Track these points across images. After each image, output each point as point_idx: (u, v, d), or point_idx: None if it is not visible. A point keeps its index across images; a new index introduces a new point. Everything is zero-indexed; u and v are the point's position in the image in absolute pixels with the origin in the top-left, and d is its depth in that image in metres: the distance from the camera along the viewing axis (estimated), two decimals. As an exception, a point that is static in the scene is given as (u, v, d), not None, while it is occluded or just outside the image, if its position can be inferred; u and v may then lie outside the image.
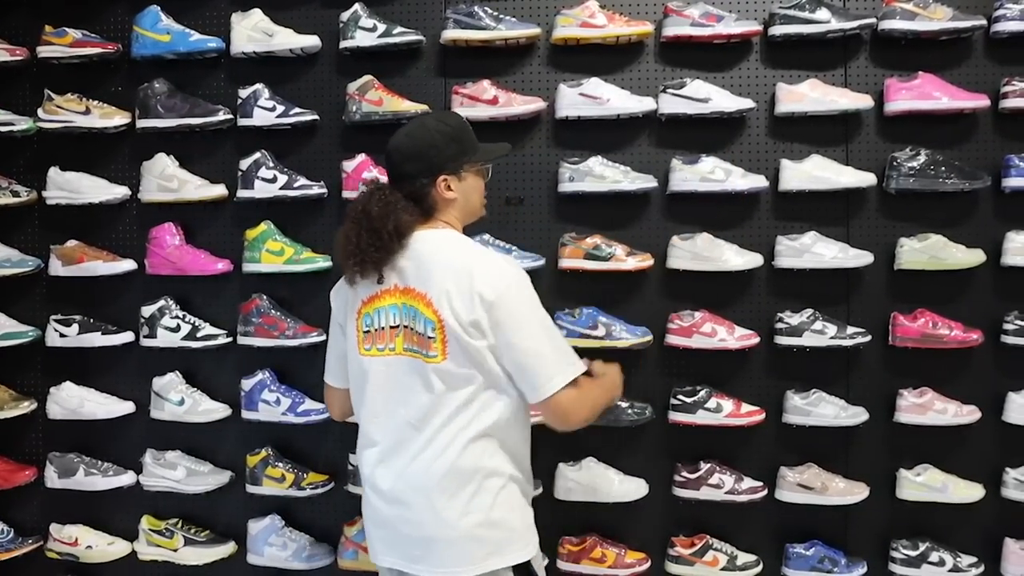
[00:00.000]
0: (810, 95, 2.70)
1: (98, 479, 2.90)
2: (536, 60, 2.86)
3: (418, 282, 1.89)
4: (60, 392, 2.91)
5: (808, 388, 2.73)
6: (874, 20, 2.70)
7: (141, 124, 2.86)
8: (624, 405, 2.73)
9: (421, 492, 1.88)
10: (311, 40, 2.82)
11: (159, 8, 2.84)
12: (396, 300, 1.91)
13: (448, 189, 1.95)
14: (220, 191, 2.86)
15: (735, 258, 2.72)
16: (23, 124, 2.88)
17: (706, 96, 2.71)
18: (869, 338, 2.70)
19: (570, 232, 2.77)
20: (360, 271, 1.91)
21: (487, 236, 2.76)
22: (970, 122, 2.76)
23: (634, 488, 2.76)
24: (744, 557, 2.74)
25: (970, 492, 2.70)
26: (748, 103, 2.71)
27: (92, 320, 2.92)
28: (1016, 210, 2.73)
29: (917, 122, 2.73)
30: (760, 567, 2.74)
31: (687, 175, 2.72)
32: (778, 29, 2.71)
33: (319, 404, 2.80)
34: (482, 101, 2.74)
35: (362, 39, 2.77)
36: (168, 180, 2.85)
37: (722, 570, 2.71)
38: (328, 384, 2.19)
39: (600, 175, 2.74)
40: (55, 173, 2.90)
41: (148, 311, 2.86)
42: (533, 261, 2.74)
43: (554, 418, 1.90)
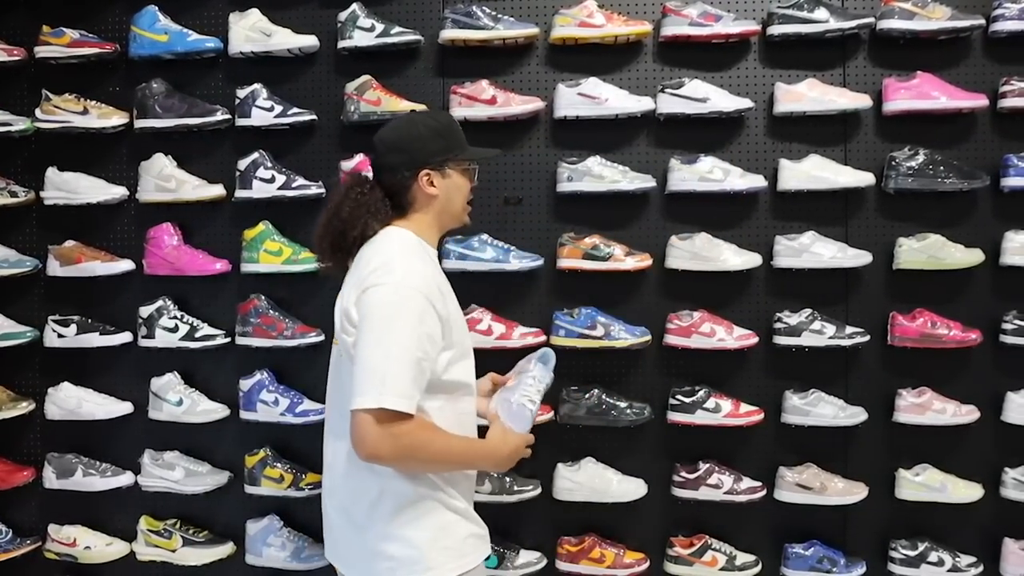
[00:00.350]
0: (809, 95, 2.70)
1: (96, 480, 2.90)
2: (534, 60, 2.85)
3: (349, 275, 1.87)
4: (58, 392, 2.91)
5: (807, 388, 2.73)
6: (872, 20, 2.70)
7: (139, 124, 2.86)
8: (623, 405, 2.73)
9: (334, 493, 1.87)
10: (309, 40, 2.82)
11: (157, 8, 2.84)
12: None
13: (430, 184, 1.86)
14: (218, 191, 2.86)
15: (734, 258, 2.72)
16: (21, 124, 2.88)
17: (704, 96, 2.71)
18: (868, 338, 2.70)
19: (569, 232, 2.77)
20: (326, 267, 1.94)
21: (485, 236, 2.76)
22: (969, 122, 2.76)
23: (633, 488, 2.76)
24: (743, 557, 2.74)
25: (969, 492, 2.70)
26: (746, 103, 2.71)
27: (90, 320, 2.92)
28: (1015, 210, 2.73)
29: (916, 122, 2.73)
30: (759, 567, 2.74)
31: (686, 175, 2.72)
32: (776, 29, 2.71)
33: (317, 404, 2.80)
34: (480, 101, 2.74)
35: (360, 39, 2.77)
36: (166, 180, 2.85)
37: (721, 570, 2.71)
38: None
39: (599, 175, 2.73)
40: (53, 173, 2.90)
41: (146, 311, 2.86)
42: (532, 261, 2.74)
43: (352, 437, 1.66)
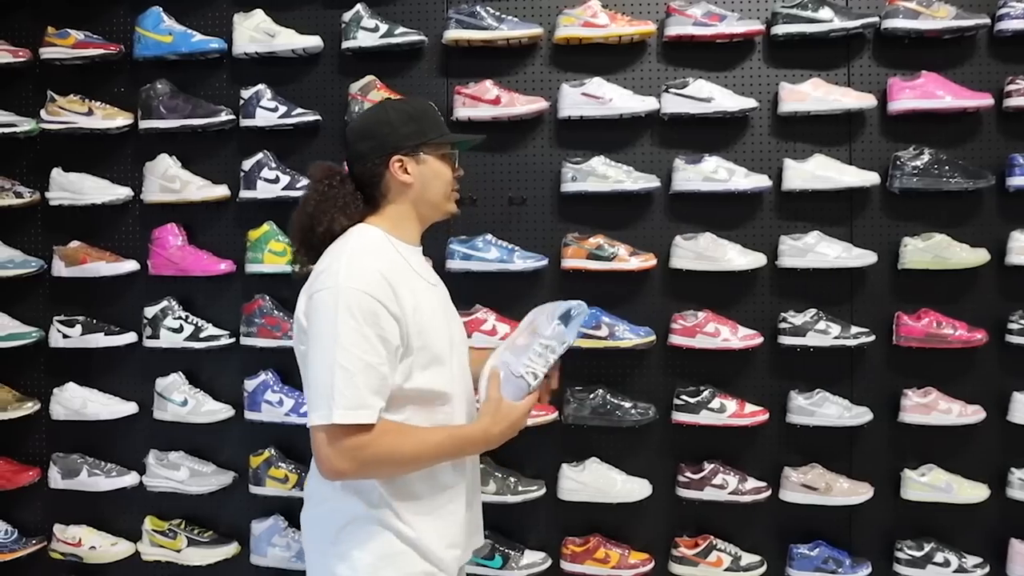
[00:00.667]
0: (813, 94, 2.70)
1: (101, 480, 2.90)
2: (538, 60, 2.85)
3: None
4: (63, 393, 2.92)
5: (812, 388, 2.73)
6: (877, 19, 2.69)
7: (143, 125, 2.86)
8: (627, 405, 2.72)
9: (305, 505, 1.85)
10: (313, 40, 2.82)
11: (161, 9, 2.85)
12: None
13: (403, 171, 1.74)
14: (222, 192, 2.87)
15: (738, 258, 2.72)
16: (26, 125, 2.89)
17: (709, 96, 2.70)
18: (873, 338, 2.69)
19: (573, 232, 2.77)
20: (299, 270, 1.81)
21: (490, 236, 2.75)
22: (974, 121, 2.75)
23: (638, 488, 2.75)
24: (748, 558, 2.73)
25: (975, 492, 2.69)
26: (751, 102, 2.71)
27: (95, 321, 2.92)
28: (1020, 209, 2.73)
29: (920, 121, 2.72)
30: (764, 568, 2.73)
31: (690, 175, 2.71)
32: (781, 28, 2.71)
33: (322, 405, 2.80)
34: (484, 101, 2.74)
35: (364, 39, 2.77)
36: (170, 181, 2.85)
37: (726, 571, 2.70)
38: None
39: (603, 175, 2.73)
40: (58, 174, 2.91)
41: (151, 312, 2.86)
42: (536, 261, 2.74)
43: (313, 455, 1.62)
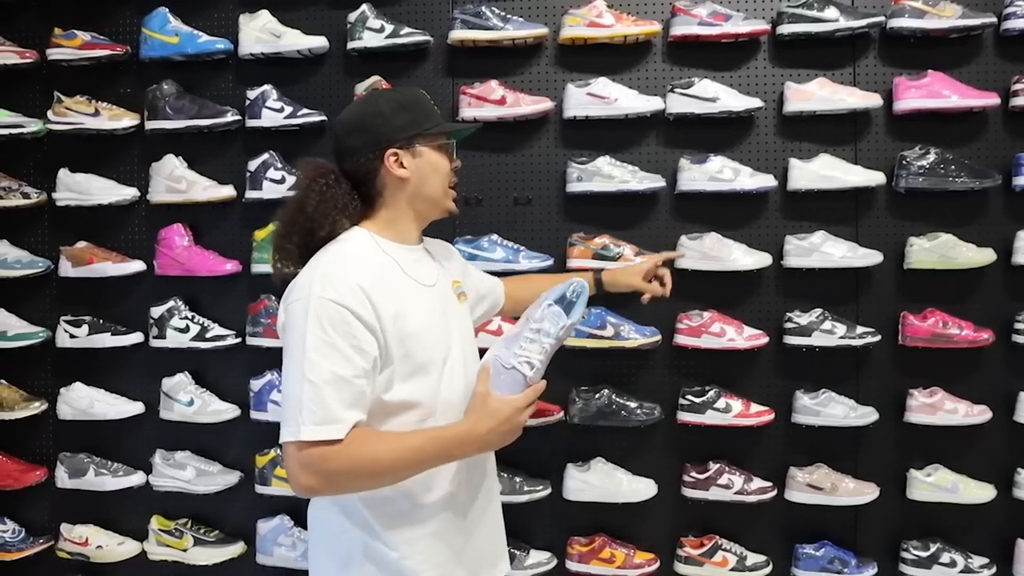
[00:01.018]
0: (819, 94, 2.69)
1: (108, 479, 2.91)
2: (544, 60, 2.86)
3: None
4: (70, 392, 2.93)
5: (817, 388, 2.72)
6: (883, 18, 2.69)
7: (150, 125, 2.87)
8: (633, 405, 2.72)
9: None
10: (319, 41, 2.83)
11: (167, 10, 2.85)
12: None
13: (399, 165, 1.66)
14: (229, 192, 2.87)
15: (744, 258, 2.72)
16: (33, 126, 2.90)
17: (714, 95, 2.70)
18: (879, 338, 2.69)
19: (578, 232, 2.77)
20: (282, 271, 1.69)
21: (495, 236, 2.76)
22: (980, 120, 2.74)
23: (643, 488, 2.75)
24: (753, 558, 2.73)
25: (981, 492, 2.68)
26: (756, 102, 2.71)
27: (102, 321, 2.93)
28: (1027, 209, 2.72)
29: (926, 121, 2.72)
30: (769, 568, 2.73)
31: (695, 175, 2.71)
32: (786, 28, 2.70)
33: (328, 404, 2.80)
34: (490, 101, 2.74)
35: (370, 40, 2.78)
36: (177, 181, 2.86)
37: (731, 571, 2.70)
38: None
39: (608, 175, 2.73)
40: (64, 175, 2.92)
41: (157, 312, 2.87)
42: (541, 261, 2.74)
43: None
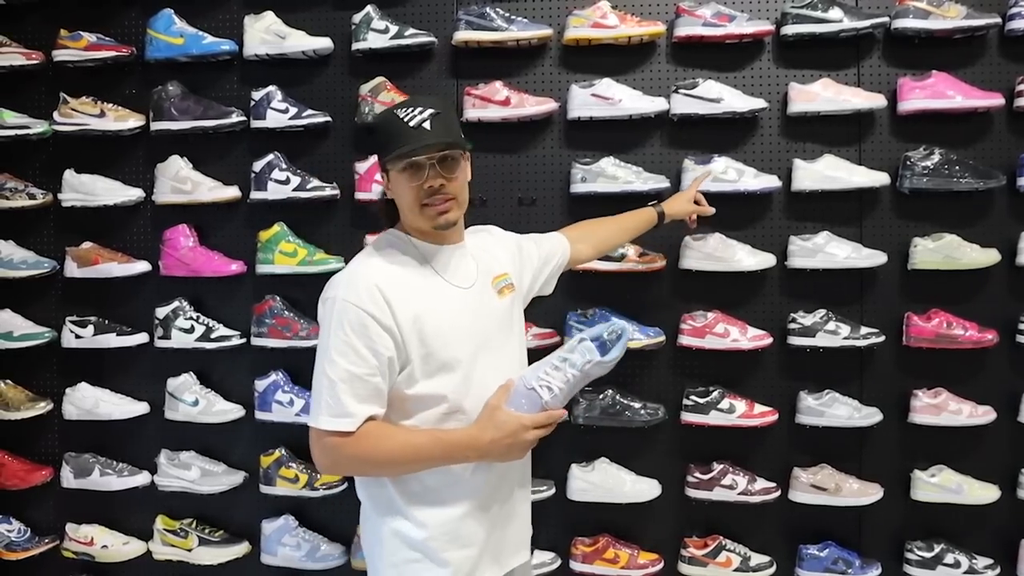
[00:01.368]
0: (823, 95, 2.69)
1: (113, 479, 2.92)
2: (548, 61, 2.86)
3: None
4: (76, 393, 2.94)
5: (821, 389, 2.73)
6: (887, 19, 2.68)
7: (155, 126, 2.88)
8: (637, 406, 2.73)
9: None
10: (323, 42, 2.83)
11: (172, 11, 2.86)
12: None
13: (386, 184, 1.79)
14: (233, 193, 2.88)
15: (748, 258, 2.72)
16: (39, 127, 2.91)
17: (718, 96, 2.70)
18: (883, 338, 2.69)
19: (582, 233, 2.77)
20: None
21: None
22: (984, 121, 2.74)
23: (647, 489, 2.76)
24: (757, 558, 2.73)
25: (985, 493, 2.68)
26: (760, 103, 2.71)
27: (107, 321, 2.94)
28: (1031, 209, 2.72)
29: (931, 121, 2.72)
30: (773, 568, 2.73)
31: (699, 175, 2.71)
32: (790, 29, 2.71)
33: (332, 405, 2.81)
34: (494, 102, 2.74)
35: (374, 41, 2.78)
36: (182, 182, 2.87)
37: (735, 571, 2.70)
38: None
39: (612, 175, 2.74)
40: (70, 175, 2.93)
41: (162, 312, 2.88)
42: (545, 262, 2.75)
43: None
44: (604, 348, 1.72)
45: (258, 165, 2.83)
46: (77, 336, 2.92)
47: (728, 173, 2.70)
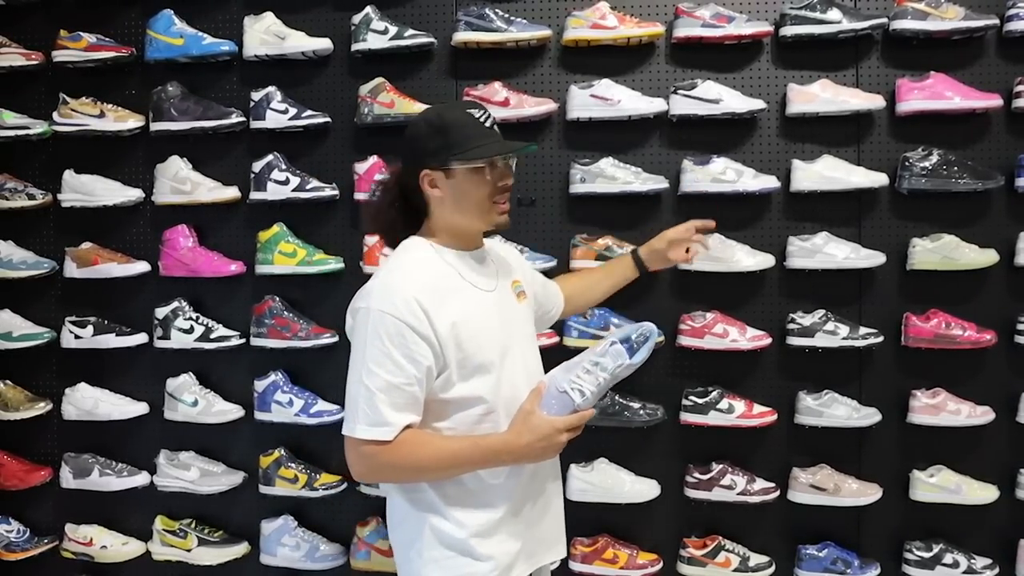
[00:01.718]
0: (821, 95, 2.70)
1: (112, 479, 2.92)
2: (547, 62, 2.86)
3: None
4: (75, 393, 2.94)
5: (820, 389, 2.73)
6: (886, 20, 2.69)
7: (155, 127, 2.88)
8: (636, 406, 2.73)
9: None
10: (323, 43, 2.84)
11: (172, 12, 2.87)
12: None
13: (432, 186, 1.74)
14: (233, 193, 2.88)
15: (747, 259, 2.72)
16: (38, 127, 2.91)
17: (717, 97, 2.71)
18: (881, 339, 2.69)
19: (581, 233, 2.78)
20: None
21: (498, 238, 2.76)
22: (983, 122, 2.75)
23: (646, 489, 2.76)
24: (756, 558, 2.73)
25: (984, 493, 2.69)
26: (759, 104, 2.71)
27: (106, 321, 2.94)
28: (1030, 210, 2.72)
29: (929, 122, 2.72)
30: (772, 568, 2.73)
31: (698, 176, 2.72)
32: (789, 30, 2.71)
33: (332, 405, 2.81)
34: (493, 103, 2.75)
35: (373, 42, 2.78)
36: (181, 182, 2.87)
37: (734, 571, 2.70)
38: None
39: (611, 176, 2.74)
40: (70, 176, 2.93)
41: (162, 312, 2.88)
42: (545, 262, 2.75)
43: None
44: (632, 350, 1.75)
45: (257, 166, 2.84)
46: (76, 336, 2.92)
47: (727, 174, 2.71)
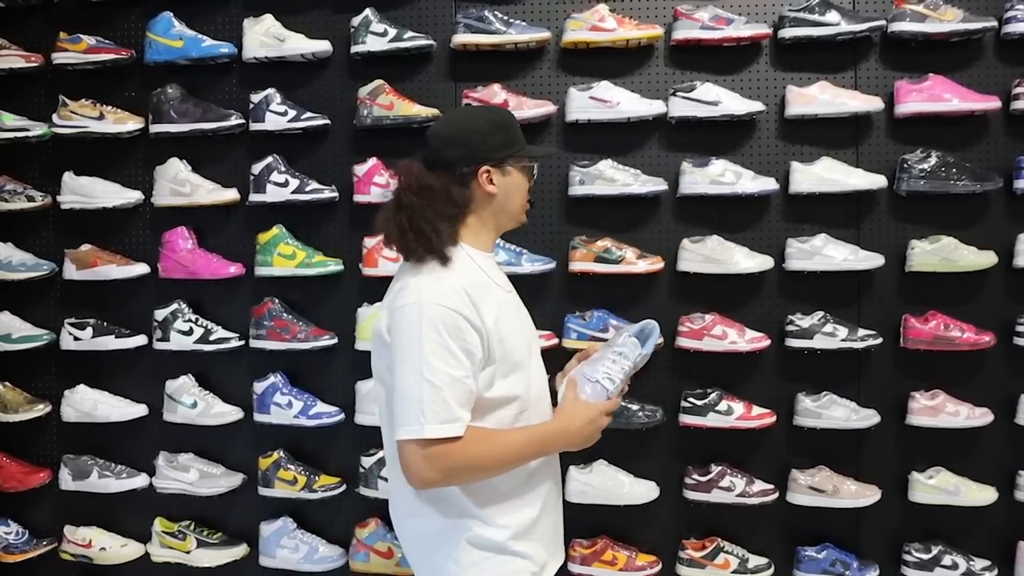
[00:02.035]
0: (820, 97, 2.70)
1: (111, 481, 2.92)
2: (546, 64, 2.87)
3: (386, 294, 1.79)
4: (74, 395, 2.94)
5: (819, 390, 2.73)
6: (884, 22, 2.69)
7: (154, 129, 2.88)
8: (635, 408, 2.73)
9: (397, 522, 1.86)
10: (322, 45, 2.84)
11: (172, 14, 2.87)
12: None
13: (490, 182, 1.75)
14: (232, 195, 2.89)
15: (745, 261, 2.72)
16: (38, 129, 2.92)
17: (716, 99, 2.71)
18: (880, 340, 2.69)
19: (581, 235, 2.78)
20: (407, 252, 1.75)
21: (497, 239, 2.76)
22: (981, 124, 2.75)
23: (645, 491, 2.76)
24: (755, 560, 2.73)
25: (983, 495, 2.69)
26: (758, 106, 2.72)
27: (106, 323, 2.94)
28: (1028, 212, 2.73)
29: (928, 124, 2.72)
30: (771, 570, 2.73)
31: (697, 178, 2.72)
32: (788, 32, 2.71)
33: (331, 407, 2.82)
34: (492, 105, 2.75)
35: (373, 44, 2.79)
36: (181, 184, 2.87)
37: (733, 573, 2.70)
38: None
39: (610, 178, 2.74)
40: (69, 178, 2.93)
41: (161, 314, 2.88)
42: (544, 264, 2.75)
43: (401, 467, 1.66)
44: (643, 342, 1.87)
45: (257, 167, 2.84)
46: (76, 338, 2.92)
47: (726, 176, 2.71)
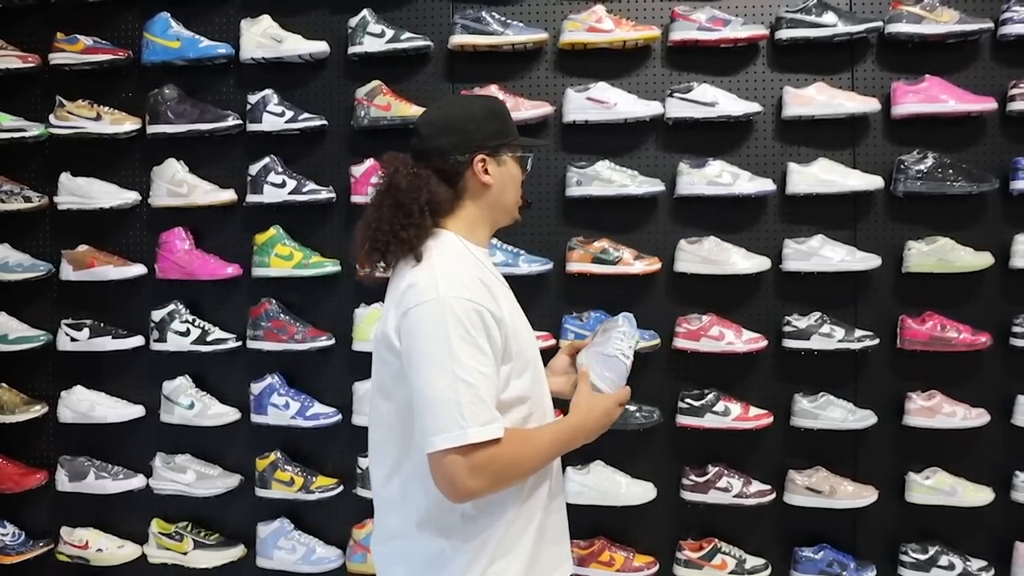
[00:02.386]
0: (817, 98, 2.71)
1: (108, 482, 2.92)
2: (543, 65, 2.87)
3: (388, 293, 1.65)
4: (71, 396, 2.93)
5: (816, 391, 2.73)
6: (881, 23, 2.70)
7: (151, 130, 2.88)
8: (632, 408, 2.73)
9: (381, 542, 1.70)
10: (320, 46, 2.84)
11: (169, 15, 2.87)
12: None
13: (485, 172, 1.64)
14: (229, 196, 2.88)
15: (742, 261, 2.73)
16: (35, 130, 2.91)
17: (713, 100, 2.71)
18: (877, 341, 2.70)
19: (578, 236, 2.78)
20: (383, 255, 1.61)
21: (494, 240, 2.76)
22: (977, 125, 2.75)
23: (642, 491, 2.76)
24: (752, 561, 2.73)
25: (979, 495, 2.69)
26: (755, 107, 2.72)
27: (103, 324, 2.94)
28: (1024, 213, 2.73)
29: (924, 125, 2.73)
30: (768, 571, 2.73)
31: (694, 179, 2.72)
32: (785, 33, 2.72)
33: (328, 408, 2.82)
34: (490, 106, 2.75)
35: (370, 44, 2.79)
36: (178, 185, 2.87)
37: (730, 573, 2.70)
38: None
39: (607, 179, 2.74)
40: (66, 179, 2.93)
41: (158, 315, 2.88)
42: (541, 265, 2.75)
43: (436, 481, 1.48)
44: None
45: (254, 168, 2.84)
46: (72, 339, 2.92)
47: (723, 177, 2.71)
